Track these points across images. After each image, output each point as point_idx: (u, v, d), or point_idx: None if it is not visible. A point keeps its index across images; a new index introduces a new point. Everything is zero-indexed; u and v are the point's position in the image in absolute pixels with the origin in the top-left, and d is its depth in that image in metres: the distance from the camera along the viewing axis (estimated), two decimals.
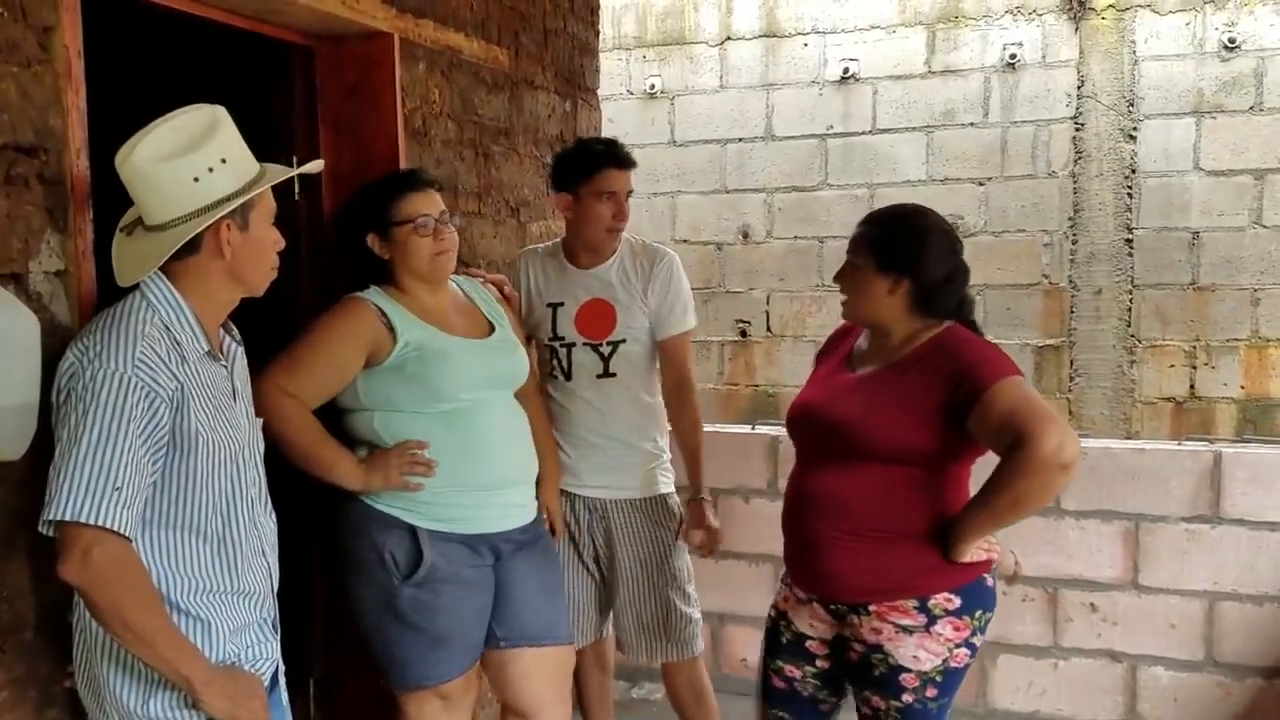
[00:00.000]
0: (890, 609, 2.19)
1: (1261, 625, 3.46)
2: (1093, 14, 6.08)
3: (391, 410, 2.41)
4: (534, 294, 3.05)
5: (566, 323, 2.99)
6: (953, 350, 2.17)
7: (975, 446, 2.16)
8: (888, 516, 2.19)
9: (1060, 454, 1.97)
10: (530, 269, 3.08)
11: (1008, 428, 2.02)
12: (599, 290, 2.99)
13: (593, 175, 2.91)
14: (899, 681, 2.20)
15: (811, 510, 2.29)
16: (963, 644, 2.19)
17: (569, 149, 3.11)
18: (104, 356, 1.63)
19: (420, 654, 2.43)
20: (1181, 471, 3.51)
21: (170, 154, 1.71)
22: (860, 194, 6.54)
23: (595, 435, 2.97)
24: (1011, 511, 2.08)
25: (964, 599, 2.18)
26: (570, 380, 2.99)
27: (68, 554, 1.57)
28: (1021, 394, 2.06)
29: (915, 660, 2.18)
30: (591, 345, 2.98)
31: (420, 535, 2.41)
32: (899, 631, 2.18)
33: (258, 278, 1.85)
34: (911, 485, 2.18)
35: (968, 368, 2.11)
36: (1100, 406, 6.20)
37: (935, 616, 2.17)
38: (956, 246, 2.27)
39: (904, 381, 2.19)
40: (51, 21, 1.81)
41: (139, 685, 1.70)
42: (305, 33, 2.72)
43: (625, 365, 2.96)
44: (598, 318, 2.98)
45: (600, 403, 2.95)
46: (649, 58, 7.01)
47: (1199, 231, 6.03)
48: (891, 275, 2.20)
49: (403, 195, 2.46)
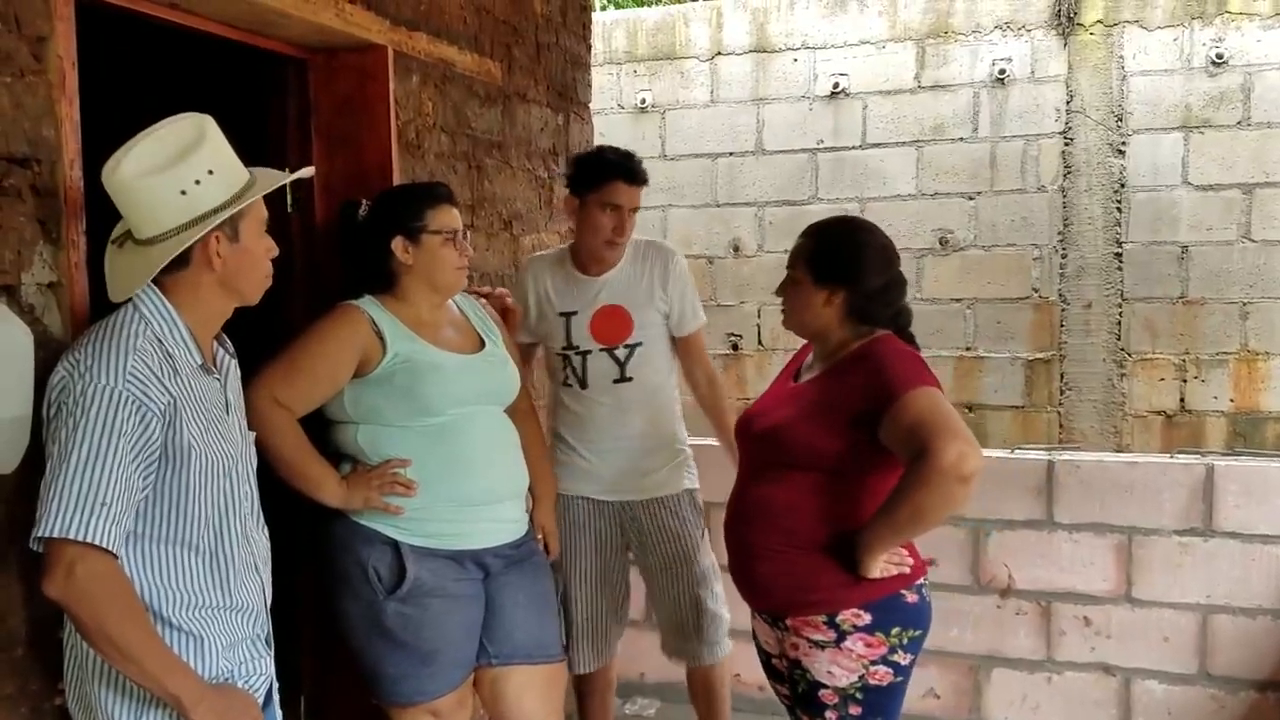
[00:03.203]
0: (803, 623, 2.19)
1: (1255, 638, 3.46)
2: (1081, 30, 6.11)
3: (378, 424, 2.40)
4: (544, 302, 3.05)
5: (581, 331, 3.00)
6: (874, 359, 2.18)
7: (890, 458, 2.13)
8: (805, 527, 2.19)
9: (959, 466, 1.95)
10: (538, 278, 3.08)
11: (913, 438, 2.01)
12: (611, 296, 3.00)
13: (601, 185, 2.93)
14: (819, 698, 2.19)
15: (744, 519, 2.30)
16: (880, 661, 2.16)
17: (588, 153, 3.13)
18: (95, 370, 1.62)
19: (409, 670, 2.40)
20: (1174, 484, 3.51)
21: (156, 168, 1.70)
22: (851, 208, 6.55)
23: (616, 440, 2.96)
24: (911, 523, 2.06)
25: (875, 615, 2.15)
26: (586, 388, 3.00)
27: (51, 570, 1.56)
28: (929, 405, 2.05)
29: (830, 676, 2.17)
30: (608, 350, 2.99)
31: (403, 550, 2.39)
32: (812, 646, 2.18)
33: (251, 287, 1.84)
34: (827, 494, 2.17)
35: (883, 376, 2.12)
36: (1090, 420, 6.21)
37: (844, 632, 2.15)
38: (893, 258, 2.28)
39: (829, 388, 2.21)
40: (45, 31, 1.80)
41: (130, 703, 1.68)
42: (299, 45, 2.71)
43: (642, 367, 2.96)
44: (613, 323, 3.00)
45: (619, 406, 2.95)
46: (640, 72, 7.02)
47: (1188, 245, 6.06)
48: (827, 287, 2.23)
49: (438, 206, 2.47)
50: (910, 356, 2.19)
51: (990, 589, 3.71)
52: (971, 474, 1.97)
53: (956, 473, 1.95)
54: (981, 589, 3.72)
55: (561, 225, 3.91)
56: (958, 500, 2.01)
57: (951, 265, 6.47)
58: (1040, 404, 6.31)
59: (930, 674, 3.71)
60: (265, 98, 2.84)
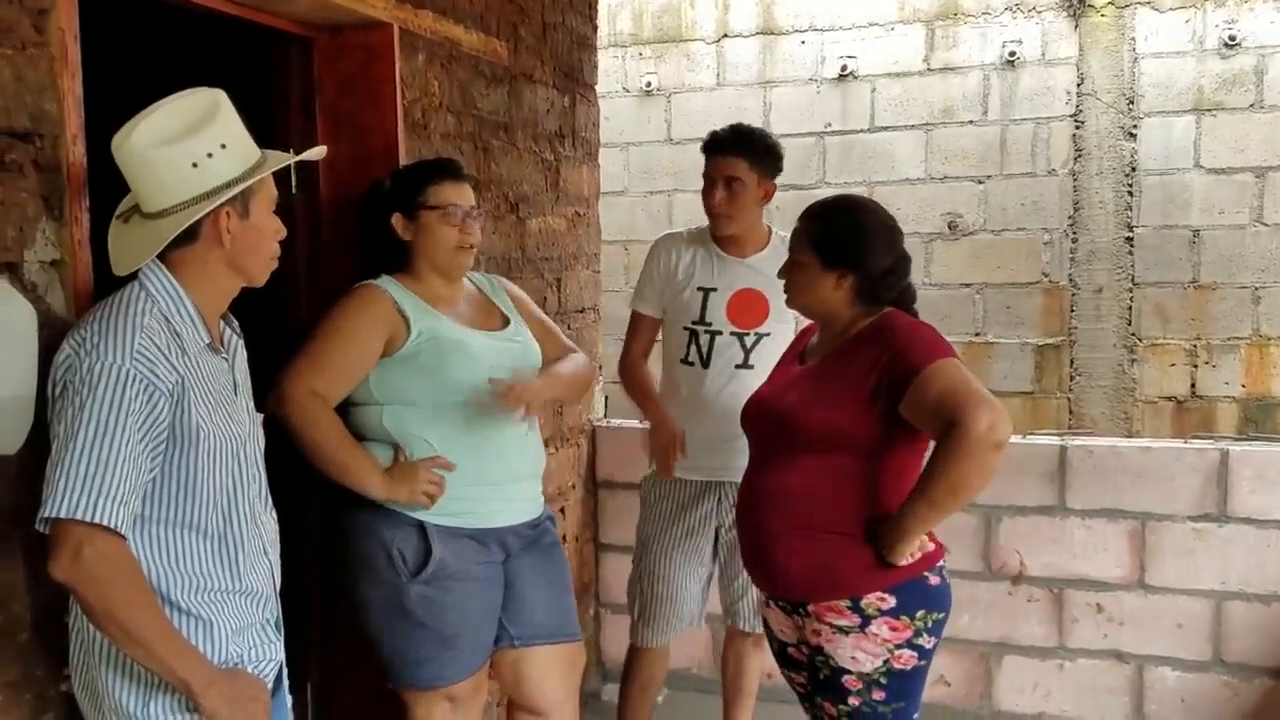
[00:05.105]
0: (826, 609, 2.17)
1: (1269, 625, 3.44)
2: (1092, 11, 6.05)
3: (403, 404, 2.37)
4: (679, 276, 3.09)
5: (717, 309, 3.04)
6: (888, 334, 2.16)
7: (912, 434, 2.12)
8: (826, 511, 2.16)
9: (993, 433, 1.95)
10: (674, 251, 3.14)
11: (940, 410, 2.00)
12: (753, 280, 3.04)
13: (706, 161, 3.07)
14: (842, 684, 2.17)
15: (759, 506, 2.28)
16: (905, 645, 2.14)
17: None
18: (101, 348, 1.58)
19: (430, 654, 2.38)
20: (1188, 470, 3.48)
21: (169, 138, 1.67)
22: (859, 192, 6.44)
23: (724, 424, 2.90)
24: (950, 497, 2.03)
25: (900, 598, 2.14)
26: (707, 368, 3.04)
27: (58, 552, 1.53)
28: (954, 376, 2.03)
29: (854, 662, 2.15)
30: (738, 335, 3.03)
31: (429, 531, 2.37)
32: (835, 632, 2.16)
33: (258, 267, 1.80)
34: (848, 477, 2.15)
35: (902, 350, 2.10)
36: (1101, 406, 6.17)
37: (869, 617, 2.13)
38: (897, 237, 2.27)
39: (842, 367, 2.19)
40: (47, 4, 1.75)
41: (138, 688, 1.65)
42: (303, 22, 2.66)
43: (764, 358, 2.94)
44: (750, 307, 3.04)
45: (736, 393, 2.90)
46: (645, 55, 6.96)
47: (1199, 229, 6.00)
48: (836, 270, 2.21)
49: (438, 181, 2.44)
50: (925, 329, 2.18)
51: (1002, 575, 3.69)
52: (1004, 440, 1.96)
53: (992, 439, 1.95)
54: (993, 575, 3.69)
55: (568, 209, 3.88)
56: (992, 469, 1.99)
57: (961, 250, 6.41)
58: (1050, 390, 6.27)
59: (941, 661, 3.67)
60: (268, 77, 2.79)
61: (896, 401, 2.07)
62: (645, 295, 3.21)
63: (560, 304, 3.83)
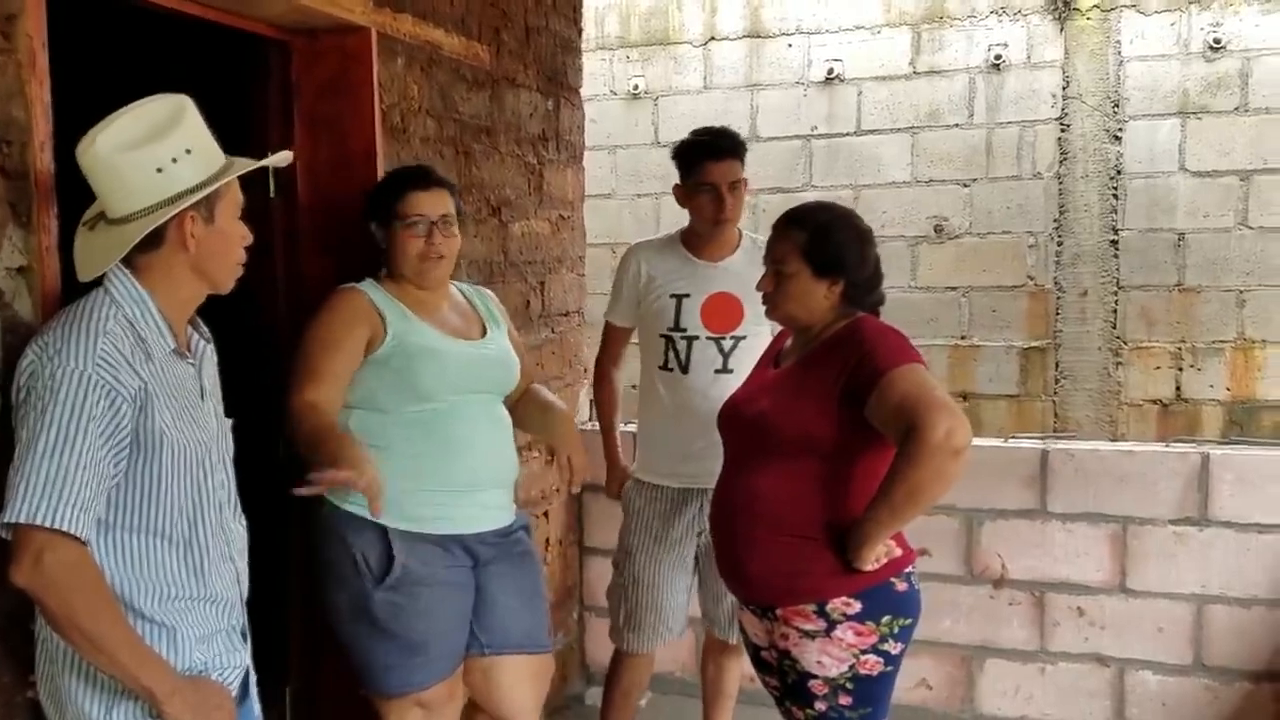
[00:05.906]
0: (794, 613, 2.17)
1: (1250, 628, 3.44)
2: (1078, 14, 6.06)
3: (371, 409, 2.37)
4: (652, 284, 3.09)
5: (691, 315, 3.04)
6: (857, 338, 2.17)
7: (881, 439, 2.11)
8: (795, 515, 2.17)
9: (951, 439, 1.94)
10: (644, 260, 3.13)
11: (901, 415, 2.00)
12: (726, 283, 3.04)
13: (692, 168, 3.01)
14: (809, 689, 2.17)
15: (731, 510, 2.29)
16: (870, 650, 2.14)
17: (679, 143, 3.14)
18: (64, 354, 1.58)
19: (397, 660, 2.38)
20: (1169, 474, 3.49)
21: (133, 143, 1.66)
22: (845, 195, 6.49)
23: (706, 428, 2.89)
24: (910, 503, 2.02)
25: (865, 604, 2.13)
26: (687, 374, 3.04)
27: (19, 557, 1.52)
28: (916, 381, 2.03)
29: (820, 666, 2.15)
30: (714, 339, 3.03)
31: (391, 536, 2.36)
32: (802, 636, 2.16)
33: (223, 273, 1.80)
34: (818, 481, 2.15)
35: (868, 354, 2.11)
36: (1085, 409, 6.18)
37: (834, 621, 2.13)
38: (872, 242, 2.30)
39: (812, 371, 2.20)
40: (14, 9, 1.75)
41: (101, 695, 1.64)
42: (280, 26, 2.66)
43: (743, 361, 2.94)
44: (724, 310, 3.04)
45: (715, 397, 2.90)
46: (632, 58, 6.96)
47: (1184, 233, 6.01)
48: (828, 278, 2.22)
49: (407, 191, 2.45)
50: (893, 334, 2.18)
51: (983, 579, 3.69)
52: (962, 447, 1.96)
53: (949, 446, 1.94)
54: (974, 579, 3.69)
55: (551, 212, 3.88)
56: (951, 475, 1.99)
57: (946, 253, 6.42)
58: (1035, 393, 6.28)
59: (923, 665, 3.69)
60: (246, 82, 2.79)
61: (862, 404, 2.08)
62: (616, 306, 3.23)
63: (544, 307, 3.82)
